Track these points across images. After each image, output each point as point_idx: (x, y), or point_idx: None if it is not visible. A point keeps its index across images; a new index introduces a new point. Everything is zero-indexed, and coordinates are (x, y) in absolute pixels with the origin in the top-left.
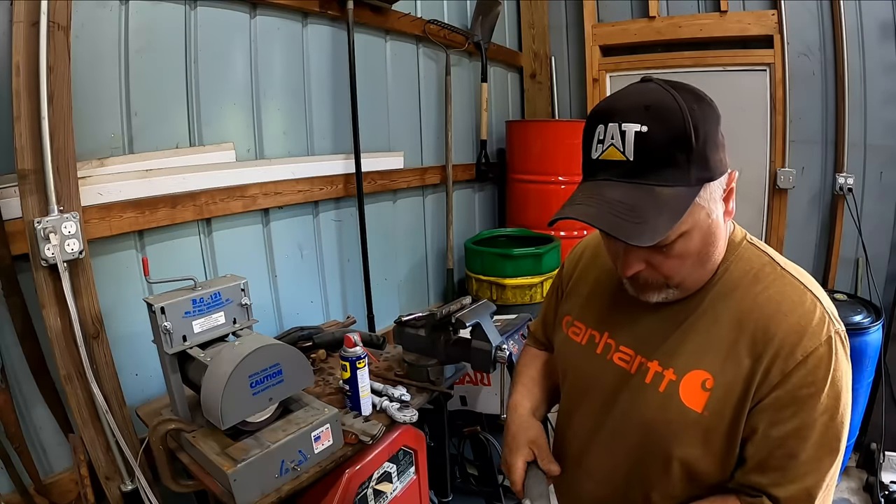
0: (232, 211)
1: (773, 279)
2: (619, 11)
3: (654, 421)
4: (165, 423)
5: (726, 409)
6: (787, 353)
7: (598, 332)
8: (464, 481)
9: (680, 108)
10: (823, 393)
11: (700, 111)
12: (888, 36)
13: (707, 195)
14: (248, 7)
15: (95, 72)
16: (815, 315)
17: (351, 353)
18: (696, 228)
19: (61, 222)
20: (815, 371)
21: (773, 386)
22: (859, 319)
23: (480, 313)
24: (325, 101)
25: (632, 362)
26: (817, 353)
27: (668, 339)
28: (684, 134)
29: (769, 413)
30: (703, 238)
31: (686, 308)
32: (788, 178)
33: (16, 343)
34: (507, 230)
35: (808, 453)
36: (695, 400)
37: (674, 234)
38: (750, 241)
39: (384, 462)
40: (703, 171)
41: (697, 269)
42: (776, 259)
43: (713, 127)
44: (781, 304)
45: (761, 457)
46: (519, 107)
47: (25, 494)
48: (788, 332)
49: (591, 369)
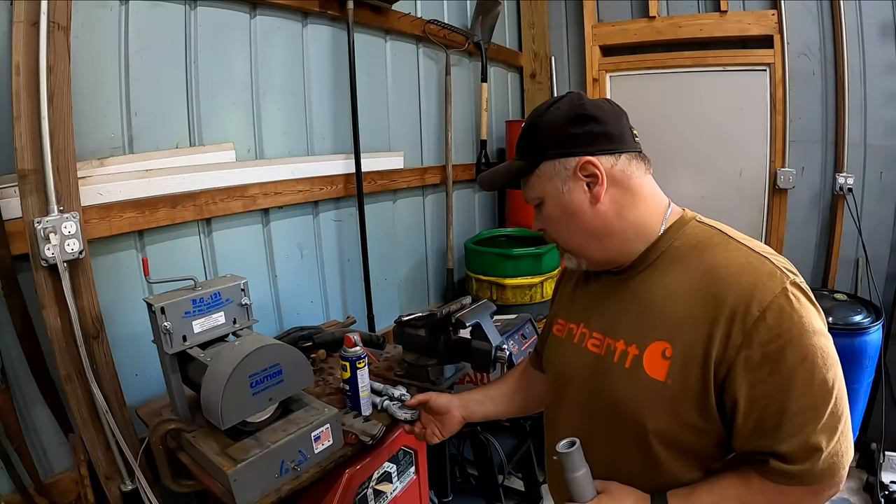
0: (232, 211)
1: (721, 248)
2: (619, 11)
3: (624, 398)
4: (165, 423)
5: (689, 376)
6: (742, 311)
7: (575, 324)
8: (464, 481)
9: (542, 107)
10: (794, 342)
11: (557, 111)
12: (888, 36)
13: (549, 171)
14: (248, 7)
15: (95, 72)
16: (763, 270)
17: (351, 353)
18: (549, 197)
19: (61, 222)
20: (779, 323)
21: (737, 347)
22: (859, 319)
23: (480, 313)
24: (325, 101)
25: (601, 345)
26: (775, 304)
27: (629, 318)
28: (533, 124)
29: (746, 376)
30: (561, 208)
31: (633, 283)
32: (788, 178)
33: (16, 343)
34: (507, 230)
35: (798, 403)
36: (657, 370)
37: (529, 195)
38: (699, 220)
39: (384, 462)
40: (541, 152)
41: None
42: (726, 231)
43: (562, 122)
44: (730, 267)
45: (754, 420)
46: (519, 107)
47: (25, 494)
48: (740, 292)
49: (570, 359)
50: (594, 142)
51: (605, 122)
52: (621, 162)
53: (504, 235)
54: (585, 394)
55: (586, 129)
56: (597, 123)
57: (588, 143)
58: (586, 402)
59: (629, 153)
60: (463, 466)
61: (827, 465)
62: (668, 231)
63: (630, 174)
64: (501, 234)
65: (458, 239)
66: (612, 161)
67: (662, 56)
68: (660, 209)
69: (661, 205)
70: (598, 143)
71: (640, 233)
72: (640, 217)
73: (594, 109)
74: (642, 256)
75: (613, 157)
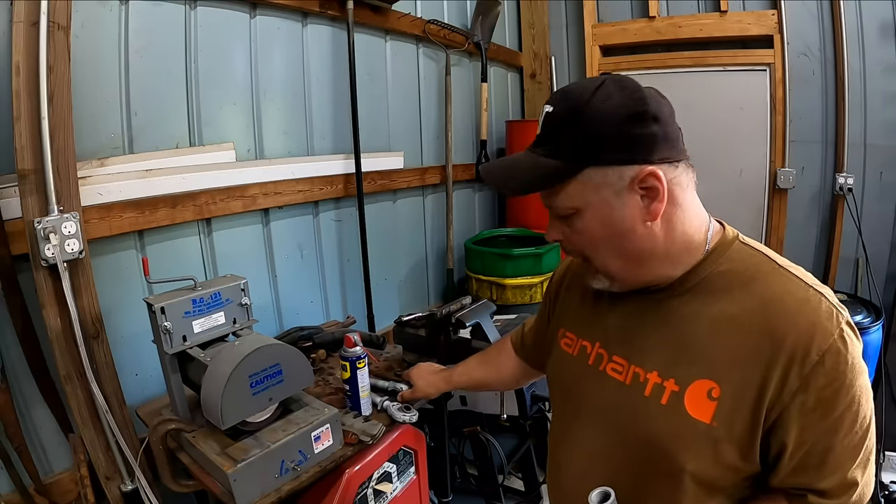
0: (232, 211)
1: (771, 278)
2: (619, 11)
3: (660, 436)
4: (165, 423)
5: (737, 418)
6: (802, 355)
7: (588, 342)
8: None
9: (584, 92)
10: (846, 385)
11: (608, 101)
12: (888, 36)
13: (598, 179)
14: (248, 7)
15: (95, 72)
16: (821, 309)
17: (351, 353)
18: (589, 209)
19: (61, 222)
20: (836, 367)
21: (793, 392)
22: (859, 319)
23: (480, 313)
24: (325, 101)
25: (625, 372)
26: (833, 348)
27: (663, 347)
28: (574, 115)
29: (798, 420)
30: (603, 224)
31: (668, 308)
32: (788, 178)
33: (16, 343)
34: (507, 230)
35: (843, 444)
36: (701, 411)
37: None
38: (742, 241)
39: (384, 462)
40: (589, 154)
41: (623, 261)
42: (772, 257)
43: (620, 118)
44: (786, 304)
45: (798, 461)
46: (519, 107)
47: (25, 494)
48: (799, 333)
49: (584, 382)
50: (656, 147)
51: (667, 123)
52: (678, 172)
53: (504, 235)
54: (604, 423)
55: (648, 130)
56: (659, 124)
57: (650, 149)
58: (608, 432)
59: (685, 161)
60: (463, 466)
61: (858, 498)
62: (713, 253)
63: (685, 187)
64: (501, 234)
65: (458, 239)
66: (672, 172)
67: (662, 56)
68: (704, 226)
69: (704, 221)
70: (660, 148)
71: (685, 254)
72: (687, 237)
73: (655, 105)
74: (683, 278)
75: (673, 166)
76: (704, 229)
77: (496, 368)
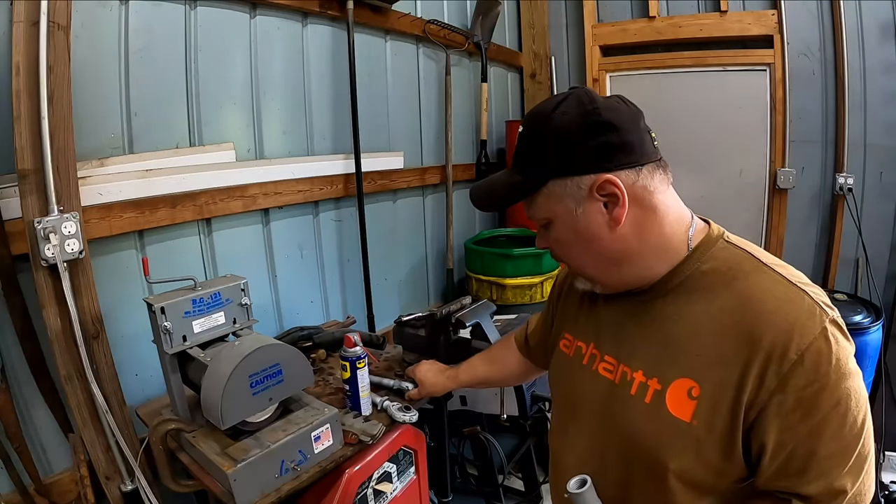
0: (232, 211)
1: (754, 276)
2: (618, 11)
3: (643, 434)
4: (165, 423)
5: (717, 418)
6: (779, 354)
7: (584, 342)
8: (464, 481)
9: (546, 109)
10: (829, 386)
11: (565, 116)
12: (888, 36)
13: (560, 190)
14: (248, 7)
15: (95, 72)
16: (802, 307)
17: (351, 353)
18: (558, 219)
19: (61, 222)
20: (816, 367)
21: (770, 391)
22: (859, 319)
23: (480, 313)
24: (325, 101)
25: (615, 371)
26: (814, 347)
27: (648, 346)
28: (537, 132)
29: (776, 420)
30: (573, 231)
31: (654, 308)
32: (788, 178)
33: (16, 343)
34: (507, 230)
35: (828, 447)
36: (682, 409)
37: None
38: (727, 240)
39: (384, 462)
40: (551, 167)
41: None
42: (757, 255)
43: (574, 131)
44: (765, 303)
45: (780, 463)
46: (519, 107)
47: (25, 494)
48: (777, 332)
49: (579, 382)
50: (612, 155)
51: (624, 130)
52: (643, 176)
53: (504, 235)
54: (597, 422)
55: (602, 140)
56: (614, 132)
57: (605, 158)
58: (598, 432)
59: (651, 164)
60: (463, 466)
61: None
62: (695, 252)
63: (653, 189)
64: (501, 234)
65: (458, 239)
66: (634, 176)
67: (662, 56)
68: (684, 226)
69: (684, 221)
70: (616, 156)
71: (663, 254)
72: (664, 237)
73: (609, 114)
74: (665, 279)
75: (634, 171)
76: (685, 228)
77: (501, 366)
